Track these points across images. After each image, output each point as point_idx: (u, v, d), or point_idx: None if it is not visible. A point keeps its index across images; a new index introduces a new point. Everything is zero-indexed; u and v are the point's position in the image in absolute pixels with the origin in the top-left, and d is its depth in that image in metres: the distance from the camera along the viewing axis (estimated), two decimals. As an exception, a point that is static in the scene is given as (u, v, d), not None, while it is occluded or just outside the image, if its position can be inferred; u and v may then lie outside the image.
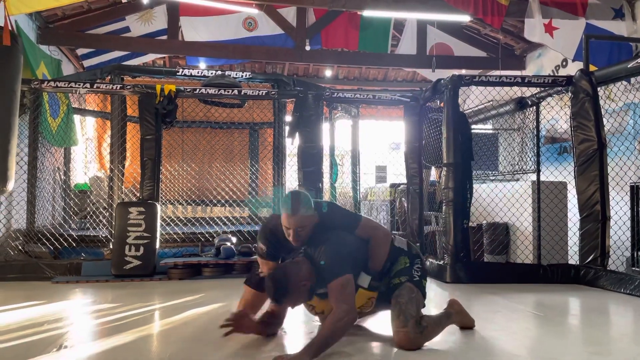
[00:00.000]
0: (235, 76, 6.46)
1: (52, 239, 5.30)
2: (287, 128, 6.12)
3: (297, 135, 5.72)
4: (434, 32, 8.75)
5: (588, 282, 4.64)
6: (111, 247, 5.15)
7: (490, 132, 7.62)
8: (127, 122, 6.01)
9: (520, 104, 5.81)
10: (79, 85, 5.37)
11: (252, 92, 5.90)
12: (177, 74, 6.55)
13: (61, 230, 5.67)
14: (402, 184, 7.08)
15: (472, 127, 6.22)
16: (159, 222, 5.20)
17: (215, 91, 5.76)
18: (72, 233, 5.59)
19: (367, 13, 7.55)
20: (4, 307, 3.65)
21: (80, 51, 8.40)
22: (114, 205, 5.42)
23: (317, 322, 3.02)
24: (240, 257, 5.18)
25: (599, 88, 4.87)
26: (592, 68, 5.15)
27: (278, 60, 9.21)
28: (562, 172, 5.54)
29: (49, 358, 2.44)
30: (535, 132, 5.62)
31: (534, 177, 5.62)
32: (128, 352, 2.57)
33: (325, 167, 6.50)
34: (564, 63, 7.85)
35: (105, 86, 5.59)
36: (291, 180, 6.66)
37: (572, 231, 5.27)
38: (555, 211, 5.39)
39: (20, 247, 5.26)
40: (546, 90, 5.39)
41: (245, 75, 6.66)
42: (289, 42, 8.42)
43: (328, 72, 10.45)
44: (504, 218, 5.76)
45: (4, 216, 5.38)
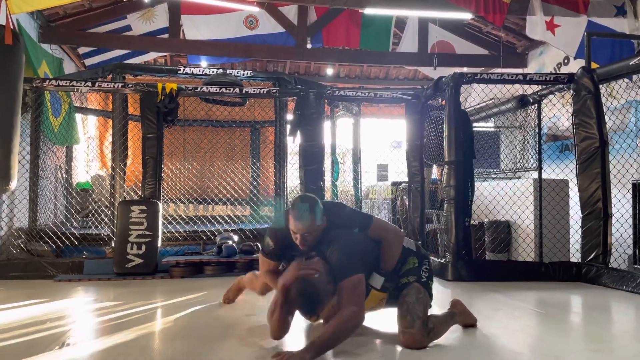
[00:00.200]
0: (236, 74, 6.46)
1: (54, 238, 5.31)
2: (288, 126, 6.13)
3: (298, 133, 5.72)
4: (436, 30, 8.74)
5: (590, 280, 4.64)
6: (113, 245, 5.16)
7: (492, 130, 7.61)
8: (129, 121, 6.02)
9: (522, 101, 5.80)
10: (81, 84, 5.38)
11: (254, 90, 5.90)
12: (179, 72, 6.55)
13: (63, 228, 5.68)
14: (403, 182, 7.08)
15: (474, 125, 6.22)
16: (160, 220, 5.21)
17: (216, 89, 5.76)
18: (74, 231, 5.61)
19: (369, 11, 7.54)
20: (6, 305, 3.66)
21: (82, 50, 8.41)
22: (115, 203, 5.43)
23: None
24: (241, 256, 5.19)
25: (601, 85, 4.86)
26: (593, 65, 5.14)
27: (279, 58, 9.20)
28: (563, 170, 5.54)
29: (51, 356, 2.44)
30: (536, 130, 5.61)
31: (535, 174, 5.62)
32: (130, 350, 2.57)
33: (327, 166, 6.50)
34: (565, 61, 7.84)
35: (107, 85, 5.59)
36: (292, 178, 6.67)
37: (574, 229, 5.27)
38: (557, 209, 5.39)
39: (22, 246, 5.27)
40: (548, 88, 5.38)
41: (247, 73, 6.66)
42: (290, 40, 8.41)
43: (329, 71, 10.44)
44: (505, 216, 5.76)
45: (6, 215, 5.39)
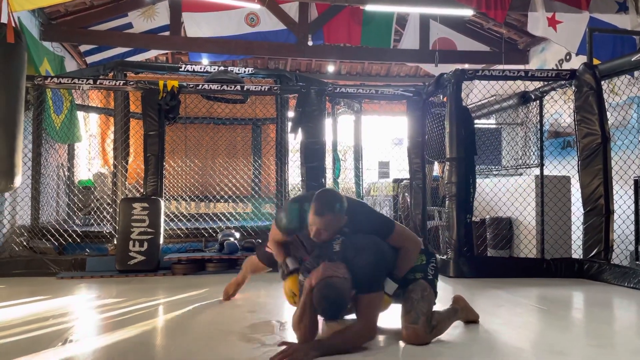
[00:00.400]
0: (237, 72, 6.46)
1: (57, 235, 5.32)
2: (289, 124, 6.12)
3: (299, 130, 5.72)
4: (437, 27, 8.72)
5: (592, 276, 4.64)
6: (115, 242, 5.17)
7: (494, 126, 7.60)
8: (130, 119, 6.02)
9: (524, 98, 5.79)
10: (82, 81, 5.39)
11: (255, 87, 5.90)
12: (180, 69, 6.54)
13: (65, 226, 5.69)
14: (405, 179, 7.07)
15: (476, 121, 6.21)
16: (162, 217, 5.21)
17: (218, 87, 5.76)
18: (77, 229, 5.62)
19: (370, 8, 7.53)
20: (9, 302, 3.67)
21: (83, 48, 8.41)
22: (117, 201, 5.44)
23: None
24: (243, 252, 5.20)
25: (603, 82, 4.86)
26: (595, 62, 5.13)
27: (280, 55, 9.19)
28: (565, 167, 5.52)
29: (54, 352, 2.45)
30: (538, 127, 5.60)
31: (537, 171, 5.61)
32: (133, 346, 2.58)
33: (328, 163, 6.50)
34: (567, 57, 7.82)
35: (108, 82, 5.59)
36: (294, 175, 6.67)
37: (576, 225, 5.26)
38: (558, 205, 5.38)
39: (24, 243, 5.28)
40: (550, 84, 5.37)
41: (248, 71, 6.65)
42: (291, 37, 8.40)
43: (330, 68, 10.43)
44: (507, 212, 5.76)
45: (8, 212, 5.40)
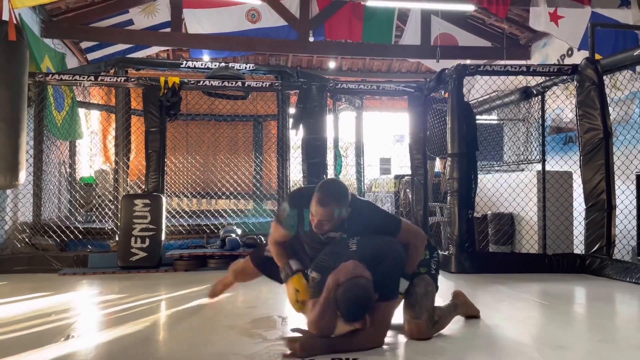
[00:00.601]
0: (238, 68, 6.46)
1: (59, 232, 5.33)
2: (291, 120, 6.12)
3: (301, 127, 5.71)
4: (438, 22, 8.69)
5: (593, 272, 4.63)
6: (117, 239, 5.18)
7: (495, 122, 7.59)
8: (132, 115, 6.02)
9: (525, 93, 5.78)
10: (83, 78, 5.38)
11: (256, 83, 5.89)
12: (181, 66, 6.55)
13: (67, 222, 5.70)
14: (406, 176, 7.07)
15: (477, 117, 6.20)
16: (164, 214, 5.22)
17: (219, 83, 5.75)
18: (78, 226, 5.62)
19: (371, 3, 7.52)
20: (11, 298, 3.68)
21: (84, 44, 8.40)
22: (119, 197, 5.45)
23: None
24: (245, 249, 5.20)
25: (605, 77, 4.84)
26: (597, 57, 5.11)
27: (281, 52, 9.18)
28: (567, 162, 5.51)
29: (56, 348, 2.46)
30: (540, 122, 5.59)
31: (539, 167, 5.60)
32: (134, 341, 2.59)
33: (330, 159, 6.50)
34: (569, 52, 7.80)
35: (110, 79, 5.59)
36: (295, 172, 6.67)
37: (578, 220, 5.25)
38: (560, 201, 5.37)
39: (26, 240, 5.29)
40: (551, 80, 5.35)
41: (249, 67, 6.65)
42: (292, 33, 8.38)
43: (332, 64, 10.41)
44: (509, 208, 5.75)
45: (10, 209, 5.41)
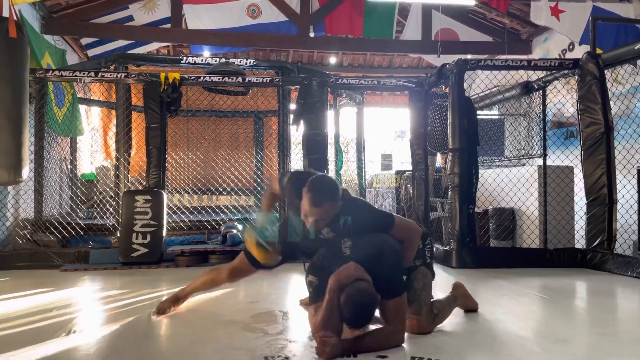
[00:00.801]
0: (239, 64, 6.44)
1: (60, 228, 5.34)
2: (291, 116, 6.11)
3: (301, 122, 5.71)
4: (439, 17, 8.66)
5: (595, 266, 4.63)
6: (118, 235, 5.18)
7: (496, 117, 7.57)
8: (132, 111, 6.02)
9: (527, 88, 5.77)
10: (84, 74, 5.38)
11: (256, 79, 5.89)
12: (181, 62, 6.53)
13: (69, 219, 5.71)
14: (407, 171, 7.06)
15: (478, 112, 6.19)
16: (165, 210, 5.22)
17: (219, 79, 5.75)
18: (80, 222, 5.63)
19: (371, -2, 7.49)
20: (13, 294, 3.69)
21: (85, 41, 8.39)
22: (120, 193, 5.45)
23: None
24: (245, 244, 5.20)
25: (606, 71, 4.83)
26: (598, 51, 5.10)
27: (282, 47, 9.15)
28: (568, 156, 5.51)
29: (58, 342, 2.47)
30: (541, 117, 5.58)
31: (540, 161, 5.60)
32: (136, 336, 2.59)
33: (331, 155, 6.49)
34: (570, 47, 7.77)
35: (110, 75, 5.59)
36: (296, 167, 6.66)
37: (579, 215, 5.25)
38: (561, 195, 5.37)
39: (28, 236, 5.30)
40: (553, 74, 5.35)
41: (249, 62, 6.63)
42: (292, 29, 8.36)
43: (332, 60, 10.38)
44: (510, 203, 5.75)
45: (11, 205, 5.42)
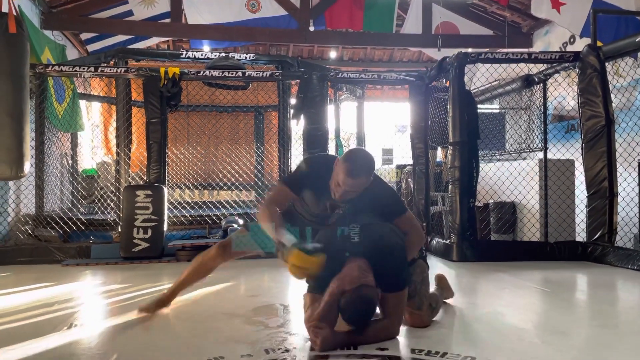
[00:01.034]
0: (239, 58, 6.43)
1: (61, 223, 5.35)
2: (292, 110, 6.10)
3: (302, 117, 5.70)
4: (439, 11, 8.63)
5: (595, 259, 4.63)
6: (119, 230, 5.19)
7: (497, 111, 7.56)
8: (133, 107, 6.02)
9: (527, 81, 5.75)
10: (83, 69, 5.37)
11: (256, 73, 5.87)
12: (181, 56, 6.53)
13: (70, 214, 5.72)
14: (408, 165, 7.05)
15: (479, 106, 6.17)
16: (166, 204, 5.23)
17: (219, 73, 5.74)
18: (81, 217, 5.64)
19: (372, -8, 7.46)
20: (15, 289, 3.70)
21: (84, 36, 8.38)
22: (121, 189, 5.46)
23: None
24: (247, 239, 5.21)
25: (607, 64, 4.81)
26: (599, 44, 5.08)
27: (282, 42, 9.14)
28: (569, 150, 5.50)
29: (59, 336, 2.48)
30: (542, 110, 5.56)
31: (541, 155, 5.59)
32: (137, 330, 2.60)
33: (331, 149, 6.49)
34: (571, 40, 7.74)
35: (110, 70, 5.58)
36: (297, 162, 6.66)
37: (580, 208, 5.25)
38: (562, 188, 5.36)
39: (29, 232, 5.31)
40: (553, 67, 5.33)
41: (249, 57, 6.62)
42: (292, 23, 8.33)
43: (333, 54, 10.36)
44: (510, 197, 5.74)
45: (12, 201, 5.43)
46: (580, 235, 5.23)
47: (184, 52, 6.63)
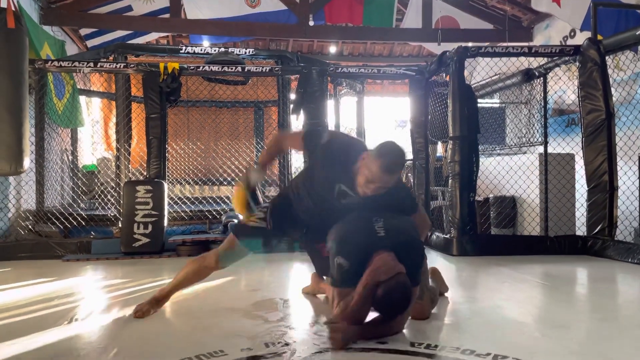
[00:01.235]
0: (238, 53, 6.42)
1: (62, 219, 5.35)
2: (291, 105, 6.09)
3: (301, 112, 5.69)
4: (440, 5, 8.61)
5: (595, 253, 4.63)
6: (120, 225, 5.20)
7: (497, 105, 7.55)
8: (132, 102, 6.01)
9: (527, 75, 5.73)
10: (83, 64, 5.37)
11: (256, 68, 5.86)
12: (181, 51, 6.52)
13: (70, 210, 5.72)
14: (408, 160, 7.04)
15: (479, 101, 6.16)
16: (166, 200, 5.23)
17: (218, 68, 5.73)
18: (81, 212, 5.65)
19: (371, -14, 7.44)
20: (16, 284, 3.70)
21: (84, 31, 8.36)
22: (121, 184, 5.46)
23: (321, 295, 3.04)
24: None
25: (607, 57, 4.80)
26: (599, 38, 5.07)
27: (282, 36, 9.11)
28: (569, 144, 5.50)
29: (60, 330, 2.48)
30: (542, 104, 5.55)
31: (541, 149, 5.58)
32: (137, 324, 2.60)
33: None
34: (572, 33, 7.71)
35: (109, 65, 5.57)
36: (297, 157, 6.66)
37: (580, 202, 5.25)
38: (562, 183, 5.36)
39: (30, 227, 5.32)
40: (554, 61, 5.31)
41: (249, 52, 6.61)
42: (292, 18, 8.31)
43: (332, 49, 10.33)
44: (510, 191, 5.74)
45: (13, 196, 5.43)
46: (581, 229, 5.23)
47: (184, 48, 6.62)
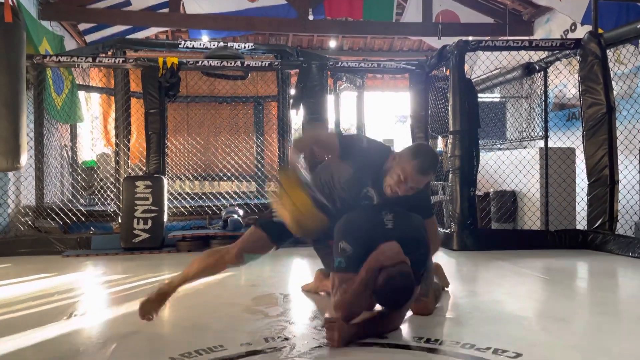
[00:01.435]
0: (237, 48, 6.39)
1: (62, 214, 5.34)
2: (291, 100, 6.08)
3: (301, 107, 5.67)
4: (440, -1, 8.57)
5: (596, 247, 4.63)
6: (119, 221, 5.19)
7: (498, 99, 7.52)
8: (132, 98, 5.99)
9: (528, 69, 5.71)
10: (81, 59, 5.34)
11: (255, 63, 5.84)
12: (179, 46, 6.49)
13: (70, 205, 5.71)
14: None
15: (480, 95, 6.14)
16: (165, 195, 5.22)
17: (217, 63, 5.71)
18: (81, 208, 5.64)
19: (371, -20, 7.40)
20: (16, 279, 3.71)
21: (82, 26, 8.33)
22: (121, 180, 5.45)
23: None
24: (247, 229, 5.20)
25: (608, 51, 4.78)
26: (600, 31, 5.04)
27: (281, 31, 9.08)
28: (570, 138, 5.48)
29: (59, 326, 2.48)
30: (543, 98, 5.54)
31: (541, 143, 5.57)
32: (137, 319, 2.58)
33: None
34: (572, 27, 7.68)
35: (108, 60, 5.55)
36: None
37: (580, 196, 5.24)
38: (563, 177, 5.35)
39: (30, 223, 5.31)
40: (554, 55, 5.29)
41: (248, 46, 6.58)
42: (291, 12, 8.27)
43: (332, 43, 10.31)
44: (511, 185, 5.73)
45: (12, 192, 5.42)
46: (581, 224, 5.23)
47: (183, 42, 6.59)
